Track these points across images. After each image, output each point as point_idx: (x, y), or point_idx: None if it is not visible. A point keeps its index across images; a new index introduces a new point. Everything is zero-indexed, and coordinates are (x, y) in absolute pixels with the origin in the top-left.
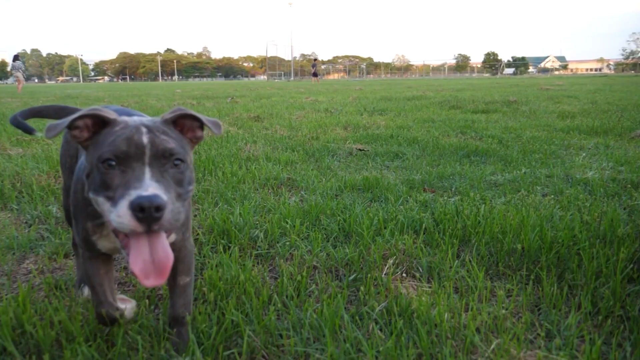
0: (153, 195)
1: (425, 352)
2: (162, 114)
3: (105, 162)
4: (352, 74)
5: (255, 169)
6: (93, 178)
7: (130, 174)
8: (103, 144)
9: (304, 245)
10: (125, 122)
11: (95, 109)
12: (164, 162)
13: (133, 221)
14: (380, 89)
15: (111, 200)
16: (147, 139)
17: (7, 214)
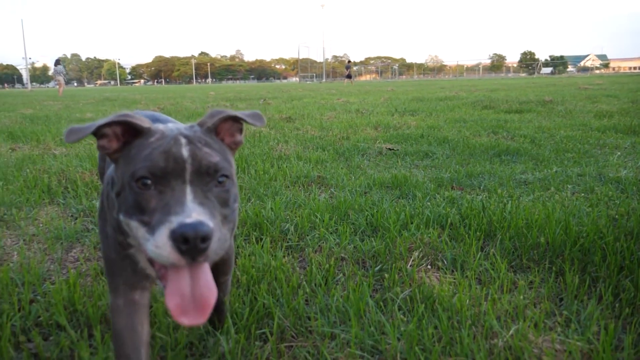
0: (198, 222)
1: (445, 335)
2: (200, 118)
3: (139, 181)
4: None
5: (287, 167)
6: (124, 198)
7: (170, 195)
8: (136, 158)
9: (333, 239)
10: (161, 132)
11: (126, 115)
12: (207, 180)
13: (174, 253)
14: (412, 89)
15: (147, 226)
16: (188, 152)
17: (55, 207)
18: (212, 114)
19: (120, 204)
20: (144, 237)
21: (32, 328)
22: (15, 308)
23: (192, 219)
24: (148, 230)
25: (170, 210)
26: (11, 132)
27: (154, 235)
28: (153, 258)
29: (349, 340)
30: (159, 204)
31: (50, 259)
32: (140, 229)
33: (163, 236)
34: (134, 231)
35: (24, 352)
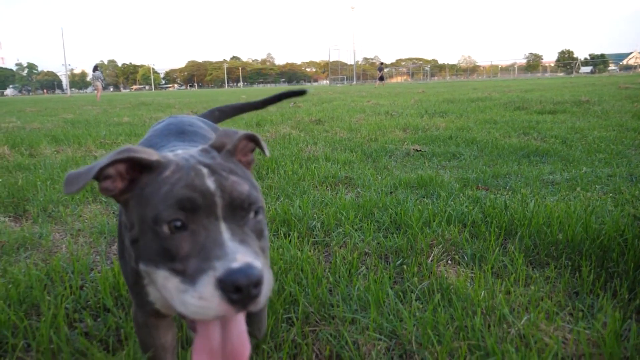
0: (247, 266)
1: (460, 322)
2: (213, 140)
3: (166, 224)
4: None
5: (315, 168)
6: (145, 245)
7: (204, 235)
8: (154, 197)
9: (357, 235)
10: (175, 163)
11: (128, 149)
12: (242, 214)
13: (224, 305)
14: (444, 91)
15: (181, 276)
16: (214, 183)
17: (97, 205)
18: (226, 134)
19: (140, 252)
20: (179, 288)
21: (82, 310)
22: (67, 292)
23: (239, 262)
24: (183, 280)
25: (209, 254)
26: (54, 135)
27: (194, 285)
28: (195, 314)
29: (368, 324)
30: (194, 247)
31: (95, 251)
32: (172, 280)
33: (208, 286)
34: (162, 281)
35: (77, 330)
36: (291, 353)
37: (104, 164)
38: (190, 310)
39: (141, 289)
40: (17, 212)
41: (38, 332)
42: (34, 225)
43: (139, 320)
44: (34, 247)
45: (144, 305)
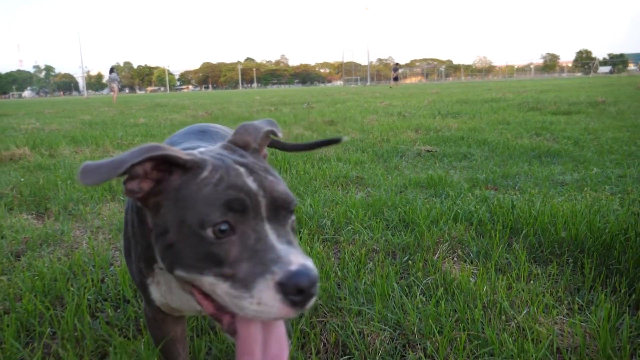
0: (305, 268)
1: (462, 314)
2: (233, 136)
3: (213, 228)
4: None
5: (326, 168)
6: (185, 250)
7: (253, 238)
8: (195, 199)
9: (366, 233)
10: (210, 162)
11: (157, 147)
12: (284, 214)
13: (285, 308)
14: (458, 91)
15: (231, 280)
16: (254, 183)
17: (116, 204)
18: (246, 130)
19: (178, 257)
20: (231, 294)
21: (104, 301)
22: (89, 284)
23: (296, 264)
24: (234, 285)
25: (262, 257)
26: (73, 136)
27: (251, 291)
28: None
29: (373, 316)
30: (243, 251)
31: (114, 247)
32: (221, 285)
33: (268, 291)
34: (209, 287)
35: (99, 319)
36: (300, 342)
37: (135, 161)
38: (249, 314)
39: (146, 288)
40: (39, 210)
41: (63, 321)
42: (56, 223)
43: (149, 315)
44: (56, 243)
45: (151, 302)
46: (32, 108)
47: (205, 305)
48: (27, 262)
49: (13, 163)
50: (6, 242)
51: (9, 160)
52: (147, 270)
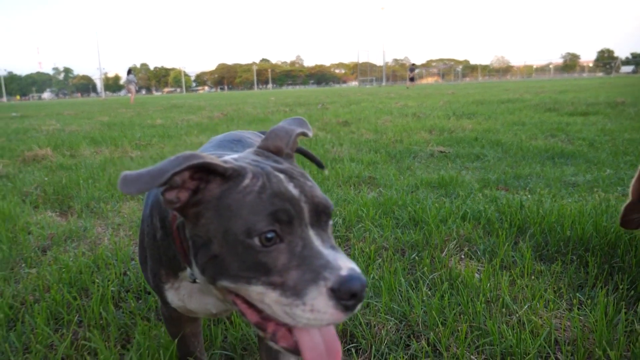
0: (355, 272)
1: (465, 307)
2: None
3: (260, 236)
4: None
5: (339, 168)
6: (232, 260)
7: (300, 245)
8: (240, 208)
9: (377, 230)
10: (249, 170)
11: (195, 155)
12: (325, 219)
13: (338, 313)
14: (474, 92)
15: (280, 289)
16: (296, 189)
17: (135, 202)
18: (277, 135)
19: (224, 268)
20: (281, 302)
21: (126, 292)
22: (113, 276)
23: (346, 269)
24: (284, 293)
25: (311, 263)
26: (93, 137)
27: (303, 298)
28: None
29: (380, 308)
30: (292, 258)
31: (135, 243)
32: (270, 294)
33: (321, 297)
34: (256, 297)
35: (123, 308)
36: None
37: (177, 170)
38: (301, 323)
39: (162, 293)
40: (62, 208)
41: (89, 309)
42: (79, 220)
43: (165, 313)
44: (80, 239)
45: (167, 304)
46: (52, 109)
47: (249, 314)
48: (54, 257)
49: (36, 163)
50: (33, 237)
51: (32, 161)
52: (167, 277)
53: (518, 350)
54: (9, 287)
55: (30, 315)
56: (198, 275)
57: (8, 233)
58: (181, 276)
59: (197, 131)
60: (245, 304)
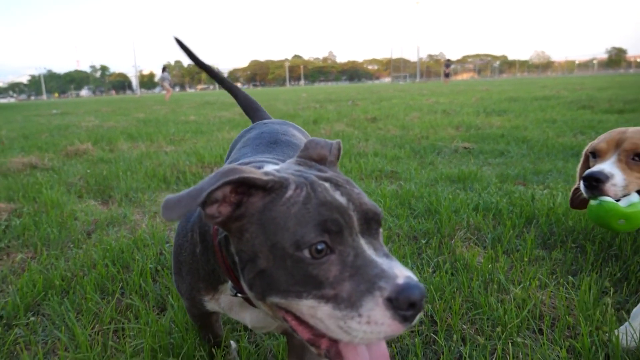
0: (412, 280)
1: (463, 285)
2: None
3: (309, 248)
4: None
5: (363, 162)
6: (281, 275)
7: (351, 255)
8: (286, 220)
9: (392, 219)
10: (292, 180)
11: (234, 170)
12: (375, 227)
13: (396, 324)
14: (509, 89)
15: (333, 302)
16: (343, 197)
17: (170, 192)
18: (318, 144)
19: (270, 284)
20: (335, 316)
21: (162, 269)
22: (150, 254)
23: (402, 278)
24: (337, 306)
25: (365, 273)
26: (129, 133)
27: (358, 309)
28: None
29: None
30: (344, 269)
31: (169, 229)
32: (322, 308)
33: (377, 308)
34: (308, 311)
35: (159, 283)
36: None
37: (213, 187)
38: (357, 337)
39: (200, 304)
40: (103, 198)
41: (130, 281)
42: (119, 208)
43: (195, 312)
44: (120, 224)
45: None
46: (90, 107)
47: (300, 331)
48: (98, 239)
49: (78, 157)
50: (79, 222)
51: (74, 155)
52: (207, 291)
53: (505, 320)
54: (60, 263)
55: (80, 286)
56: (247, 290)
57: (57, 218)
58: (221, 289)
59: (229, 127)
60: (296, 320)
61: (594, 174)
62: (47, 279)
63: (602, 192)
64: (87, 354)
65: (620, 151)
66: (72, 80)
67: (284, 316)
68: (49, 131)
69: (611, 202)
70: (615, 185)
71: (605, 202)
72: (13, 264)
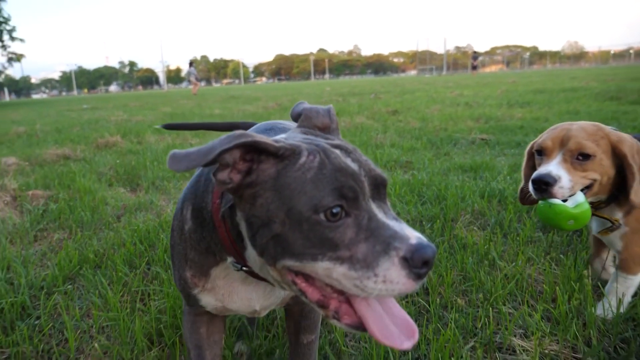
0: (424, 240)
1: (459, 262)
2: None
3: (327, 212)
4: (512, 66)
5: (379, 153)
6: (297, 238)
7: (365, 218)
8: (298, 186)
9: (401, 205)
10: (304, 147)
11: (246, 134)
12: (384, 192)
13: (410, 282)
14: (537, 80)
15: (348, 262)
16: (355, 164)
17: None
18: (318, 112)
19: (284, 247)
20: (351, 276)
21: None
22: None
23: (415, 238)
24: (354, 266)
25: (379, 235)
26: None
27: (375, 269)
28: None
29: None
30: (359, 232)
31: None
32: (337, 269)
33: (394, 267)
34: (323, 272)
35: None
36: None
37: (225, 147)
38: (373, 294)
39: (194, 296)
40: (132, 186)
41: (156, 257)
42: (146, 195)
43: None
44: (147, 209)
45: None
46: (119, 101)
47: (309, 292)
48: (127, 221)
49: (108, 149)
50: (109, 207)
51: (104, 146)
52: (195, 280)
53: (493, 291)
54: (93, 242)
55: (111, 261)
56: (254, 258)
57: (90, 203)
58: (213, 274)
59: (252, 120)
60: (306, 283)
61: (542, 177)
62: (82, 254)
63: (551, 195)
64: (118, 314)
65: (565, 151)
66: (101, 76)
67: (293, 279)
68: (80, 125)
69: (560, 205)
70: (562, 187)
71: (555, 205)
72: (51, 243)
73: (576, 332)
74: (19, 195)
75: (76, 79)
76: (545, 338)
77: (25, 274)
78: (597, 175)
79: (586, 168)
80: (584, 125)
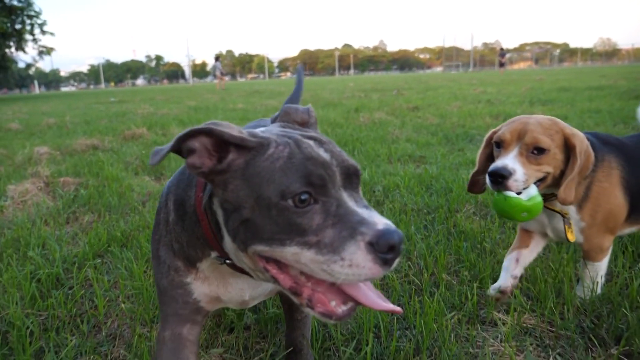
0: (391, 226)
1: (454, 247)
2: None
3: (295, 198)
4: (541, 63)
5: (394, 147)
6: (265, 223)
7: (334, 205)
8: (266, 174)
9: (409, 197)
10: (274, 140)
11: (211, 123)
12: (355, 182)
13: (376, 267)
14: (564, 78)
15: (316, 247)
16: (327, 154)
17: None
18: (297, 110)
19: (253, 232)
20: (318, 260)
21: None
22: None
23: (382, 224)
24: (321, 251)
25: (347, 221)
26: (181, 119)
27: (341, 254)
28: (343, 280)
29: None
30: (327, 218)
31: None
32: (305, 254)
33: (360, 251)
34: (291, 257)
35: None
36: None
37: (181, 135)
38: (340, 278)
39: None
40: (156, 175)
41: None
42: None
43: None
44: None
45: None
46: (145, 95)
47: (282, 279)
48: (151, 206)
49: (134, 140)
50: (135, 193)
51: (131, 138)
52: (187, 269)
53: (483, 273)
54: (120, 224)
55: (137, 240)
56: (230, 245)
57: (117, 190)
58: (200, 267)
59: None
60: (278, 270)
61: (499, 170)
62: (110, 234)
63: (506, 188)
64: (142, 283)
65: (522, 145)
66: (128, 70)
67: (265, 266)
68: (108, 117)
69: (515, 198)
70: (517, 180)
71: (510, 198)
72: (82, 225)
73: (553, 308)
74: (51, 182)
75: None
76: (525, 314)
77: (60, 250)
78: (550, 168)
79: (540, 162)
80: (540, 120)
